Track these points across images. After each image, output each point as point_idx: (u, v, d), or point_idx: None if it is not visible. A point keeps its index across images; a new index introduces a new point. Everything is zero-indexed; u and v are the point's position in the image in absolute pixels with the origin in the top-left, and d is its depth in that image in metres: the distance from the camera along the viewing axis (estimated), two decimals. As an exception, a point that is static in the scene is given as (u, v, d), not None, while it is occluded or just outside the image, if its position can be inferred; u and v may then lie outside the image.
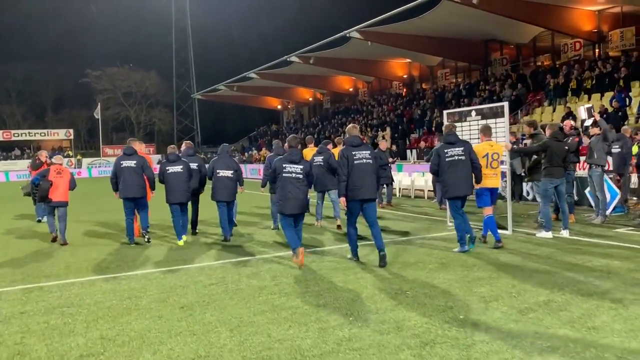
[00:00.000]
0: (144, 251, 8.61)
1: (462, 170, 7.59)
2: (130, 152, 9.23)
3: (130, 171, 8.99)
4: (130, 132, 66.52)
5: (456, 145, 7.65)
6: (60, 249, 9.12)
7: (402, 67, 36.95)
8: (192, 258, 7.90)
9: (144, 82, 62.81)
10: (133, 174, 8.99)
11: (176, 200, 9.07)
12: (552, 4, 22.71)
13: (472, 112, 9.98)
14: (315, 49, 31.52)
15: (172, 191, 9.08)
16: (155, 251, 8.61)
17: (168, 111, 65.73)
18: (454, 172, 7.58)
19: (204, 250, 8.57)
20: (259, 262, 7.48)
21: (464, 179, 7.60)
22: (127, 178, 8.98)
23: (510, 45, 29.47)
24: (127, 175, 8.99)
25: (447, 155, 7.60)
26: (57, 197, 9.53)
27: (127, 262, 7.67)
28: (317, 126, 40.52)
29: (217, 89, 47.10)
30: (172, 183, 9.08)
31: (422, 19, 25.26)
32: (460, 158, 7.58)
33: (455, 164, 7.57)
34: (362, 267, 6.91)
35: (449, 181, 7.62)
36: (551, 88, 22.98)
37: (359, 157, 7.01)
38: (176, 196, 9.08)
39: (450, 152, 7.60)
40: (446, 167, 7.60)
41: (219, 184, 9.25)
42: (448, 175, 7.62)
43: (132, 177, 8.98)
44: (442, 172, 7.67)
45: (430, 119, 27.92)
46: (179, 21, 64.79)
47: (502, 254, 7.42)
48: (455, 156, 7.59)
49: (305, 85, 43.75)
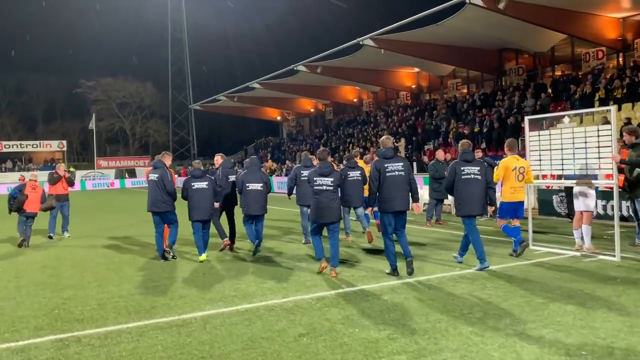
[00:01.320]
0: (185, 280, 7.35)
1: (478, 189, 7.55)
2: (160, 165, 9.03)
3: (154, 185, 8.81)
4: (124, 144, 65.06)
5: (473, 164, 7.61)
6: (82, 277, 7.81)
7: (410, 77, 35.99)
8: (251, 291, 6.63)
9: (140, 93, 61.32)
10: (157, 189, 8.80)
11: (200, 218, 8.83)
12: (577, 10, 21.90)
13: (565, 117, 8.86)
14: (324, 57, 30.46)
15: (196, 208, 8.82)
16: (197, 279, 7.38)
17: (164, 122, 64.23)
18: (469, 190, 7.53)
19: (254, 277, 7.33)
20: (337, 298, 6.19)
21: (478, 198, 7.57)
22: (152, 192, 8.84)
23: (525, 54, 28.60)
24: (152, 189, 8.84)
25: (464, 172, 7.55)
26: (31, 208, 11.32)
27: (173, 299, 6.36)
28: (322, 137, 39.34)
29: (217, 99, 45.87)
30: (197, 199, 8.82)
31: (440, 26, 24.29)
32: (476, 177, 7.54)
33: (471, 183, 7.52)
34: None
35: (464, 199, 7.56)
36: (576, 98, 22.01)
37: (392, 169, 7.06)
38: (200, 213, 8.83)
39: (467, 170, 7.55)
40: (462, 184, 7.55)
41: (249, 198, 9.06)
42: (463, 193, 7.56)
43: (157, 191, 8.79)
44: (456, 189, 7.64)
45: (446, 129, 26.85)
46: (175, 32, 63.58)
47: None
48: (471, 174, 7.54)
49: (308, 95, 42.64)
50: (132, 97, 61.40)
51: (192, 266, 8.49)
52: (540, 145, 8.85)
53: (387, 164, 7.07)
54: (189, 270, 8.19)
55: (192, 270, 8.21)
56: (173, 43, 63.49)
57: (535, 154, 8.94)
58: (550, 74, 27.48)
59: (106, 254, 10.08)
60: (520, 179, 8.11)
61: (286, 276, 7.48)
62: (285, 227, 13.39)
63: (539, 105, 23.22)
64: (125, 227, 14.86)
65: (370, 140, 31.99)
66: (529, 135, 9.20)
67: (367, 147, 31.10)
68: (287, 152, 41.16)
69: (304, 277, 7.41)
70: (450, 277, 7.03)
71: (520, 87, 26.41)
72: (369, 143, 31.77)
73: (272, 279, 7.33)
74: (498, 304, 5.69)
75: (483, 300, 5.86)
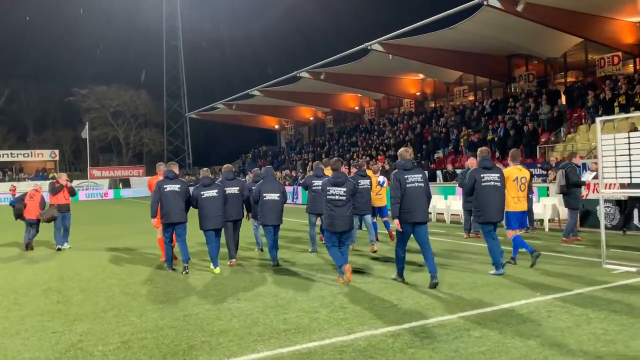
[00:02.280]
0: (217, 306, 6.28)
1: (497, 196, 7.64)
2: (173, 175, 8.93)
3: (175, 195, 8.68)
4: (117, 153, 63.70)
5: (493, 171, 7.69)
6: (95, 303, 6.73)
7: (415, 84, 35.21)
8: (304, 324, 5.50)
9: (134, 101, 59.99)
10: (178, 198, 8.70)
11: (212, 227, 8.68)
12: (593, 14, 21.23)
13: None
14: (329, 63, 29.57)
15: (207, 217, 8.67)
16: (231, 304, 6.30)
17: (158, 131, 62.82)
18: (489, 197, 7.60)
19: (298, 302, 6.28)
20: (417, 334, 5.08)
21: (498, 205, 7.65)
22: (172, 202, 8.64)
23: (535, 60, 27.89)
24: (172, 200, 8.65)
25: (484, 180, 7.62)
26: (30, 215, 12.42)
27: (213, 334, 5.26)
28: (324, 146, 38.37)
29: (215, 107, 44.82)
30: (208, 208, 8.68)
31: (453, 30, 23.49)
32: (496, 184, 7.63)
33: (491, 190, 7.60)
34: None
35: (485, 207, 7.60)
36: (592, 104, 21.22)
37: (411, 180, 7.12)
38: (212, 222, 8.68)
39: (486, 177, 7.63)
40: (481, 191, 7.61)
41: (267, 208, 9.01)
42: (483, 200, 7.62)
43: (177, 202, 8.68)
44: (477, 196, 7.67)
45: (457, 137, 25.98)
46: (170, 39, 62.51)
47: None
48: (491, 181, 7.62)
49: (308, 103, 41.71)
50: (126, 105, 60.02)
51: (211, 281, 7.78)
52: (615, 151, 7.86)
53: (407, 175, 7.13)
54: (212, 288, 7.28)
55: (216, 289, 7.30)
56: (168, 51, 62.32)
57: (610, 160, 7.96)
58: (562, 81, 26.78)
59: (115, 272, 9.05)
60: (522, 189, 8.16)
61: (335, 302, 6.44)
62: (292, 236, 12.97)
63: (557, 111, 22.45)
64: (124, 238, 14.26)
65: (376, 149, 31.06)
66: (602, 139, 8.22)
67: (373, 155, 30.19)
68: (288, 161, 40.13)
69: (355, 300, 6.40)
70: (536, 305, 5.96)
71: (533, 93, 25.65)
72: (375, 151, 30.85)
73: (321, 305, 6.28)
74: (627, 344, 4.66)
75: (600, 338, 4.80)
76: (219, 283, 7.79)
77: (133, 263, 10.09)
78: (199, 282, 7.94)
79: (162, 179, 8.96)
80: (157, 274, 8.75)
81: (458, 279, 7.48)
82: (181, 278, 8.29)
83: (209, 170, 9.54)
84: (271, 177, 9.45)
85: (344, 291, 6.97)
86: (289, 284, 7.50)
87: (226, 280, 7.98)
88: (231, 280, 7.97)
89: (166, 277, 8.50)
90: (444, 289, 6.88)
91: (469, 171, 8.16)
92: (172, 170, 8.94)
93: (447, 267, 8.35)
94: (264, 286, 7.49)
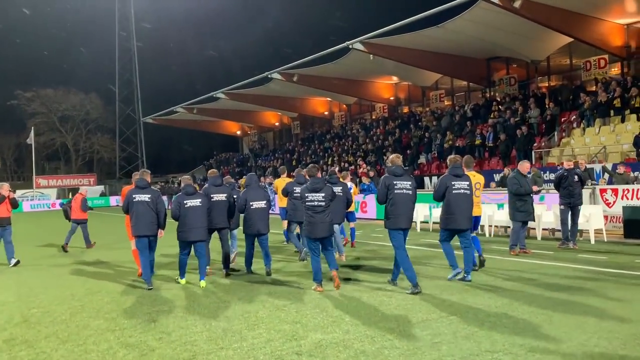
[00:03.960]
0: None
1: (467, 203, 7.64)
2: (144, 184, 8.36)
3: (145, 205, 8.19)
4: (66, 161, 59.70)
5: (462, 178, 7.68)
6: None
7: (388, 89, 34.06)
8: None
9: (84, 105, 56.18)
10: (148, 209, 8.20)
11: (194, 238, 8.20)
12: (585, 13, 20.63)
13: None
14: (304, 64, 27.96)
15: (192, 227, 8.15)
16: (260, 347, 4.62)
17: (110, 137, 59.16)
18: (459, 205, 7.57)
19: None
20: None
21: (467, 213, 7.63)
22: (141, 213, 8.17)
23: (515, 64, 27.19)
24: (141, 210, 8.17)
25: (454, 187, 7.58)
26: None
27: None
28: (294, 152, 36.58)
29: (174, 111, 42.23)
30: (191, 218, 8.16)
31: (441, 29, 22.37)
32: (465, 192, 7.62)
33: (461, 197, 7.58)
34: None
35: (454, 214, 7.58)
36: (586, 108, 20.46)
37: (400, 186, 7.21)
38: (195, 233, 8.18)
39: (457, 185, 7.60)
40: (452, 198, 7.58)
41: (254, 216, 8.75)
42: (453, 207, 7.59)
43: (147, 212, 8.20)
44: (447, 203, 7.64)
45: (441, 142, 24.79)
46: (123, 40, 59.25)
47: None
48: (461, 189, 7.60)
49: (276, 107, 39.92)
50: (76, 109, 56.10)
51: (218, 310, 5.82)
52: None
53: (396, 181, 7.21)
54: (232, 324, 5.42)
55: (232, 325, 5.46)
56: (121, 53, 59.04)
57: None
58: (545, 84, 26.14)
59: (96, 306, 7.03)
60: (477, 194, 8.34)
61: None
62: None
63: (549, 115, 21.57)
64: (81, 255, 12.62)
65: (353, 155, 29.59)
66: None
67: (350, 162, 28.71)
68: (254, 168, 38.05)
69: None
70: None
71: (519, 97, 24.81)
72: (352, 157, 29.36)
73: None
74: None
75: None
76: (228, 312, 5.98)
77: (110, 288, 8.27)
78: (215, 322, 6.04)
79: (133, 188, 8.46)
80: (147, 299, 6.80)
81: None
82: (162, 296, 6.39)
83: (190, 178, 9.06)
84: (255, 184, 9.19)
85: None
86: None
87: (244, 306, 6.17)
88: (248, 306, 6.17)
89: (161, 303, 6.75)
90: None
91: (440, 178, 7.95)
92: (144, 179, 8.41)
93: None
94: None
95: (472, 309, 6.09)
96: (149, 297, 7.47)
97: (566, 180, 10.36)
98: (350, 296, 6.98)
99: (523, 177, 9.82)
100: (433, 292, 7.04)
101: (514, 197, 9.72)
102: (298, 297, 7.05)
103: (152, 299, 7.38)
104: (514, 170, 10.27)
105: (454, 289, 7.16)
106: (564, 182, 10.38)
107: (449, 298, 6.69)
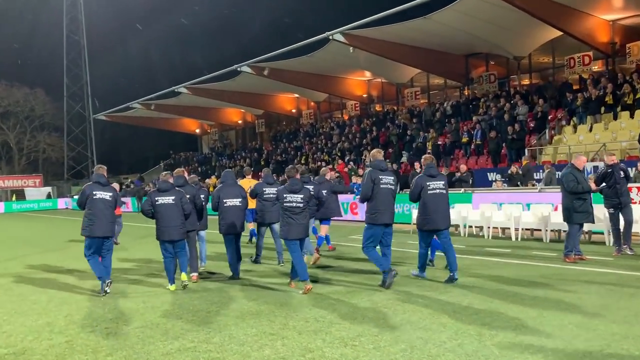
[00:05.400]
0: None
1: (443, 203, 7.59)
2: (105, 181, 7.91)
3: (106, 204, 7.70)
4: (7, 161, 55.42)
5: (437, 178, 7.62)
6: None
7: (360, 85, 32.84)
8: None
9: (29, 101, 52.18)
10: (109, 208, 7.76)
11: (170, 238, 7.79)
12: (573, 7, 19.98)
13: None
14: (278, 56, 26.35)
15: (165, 227, 7.79)
16: None
17: (58, 136, 55.31)
18: (436, 205, 7.50)
19: None
20: None
21: (444, 212, 7.58)
22: (101, 212, 7.67)
23: (493, 61, 26.49)
24: (102, 209, 7.67)
25: (430, 187, 7.51)
26: None
27: None
28: (261, 151, 34.79)
29: (130, 107, 39.61)
30: (164, 217, 7.80)
31: (427, 20, 21.25)
32: (441, 191, 7.57)
33: (437, 197, 7.51)
34: None
35: (431, 214, 7.48)
36: (578, 104, 19.77)
37: (385, 181, 7.25)
38: (170, 233, 7.78)
39: (432, 185, 7.53)
40: (428, 199, 7.50)
41: (228, 215, 8.54)
42: (430, 208, 7.50)
43: (108, 211, 7.74)
44: (423, 204, 7.54)
45: (424, 140, 23.70)
46: (71, 33, 55.63)
47: None
48: (437, 189, 7.53)
49: (239, 104, 37.86)
50: (19, 105, 51.93)
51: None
52: None
53: (381, 176, 7.22)
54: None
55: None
56: (69, 46, 55.38)
57: None
58: (527, 82, 25.51)
59: (71, 330, 5.27)
60: None
61: None
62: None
63: (540, 112, 20.78)
64: (24, 260, 11.42)
65: (329, 154, 28.15)
66: None
67: (327, 160, 27.29)
68: (218, 168, 35.98)
69: None
70: None
71: (501, 94, 24.01)
72: (327, 156, 27.92)
73: None
74: None
75: None
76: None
77: (71, 299, 6.62)
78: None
79: (91, 184, 7.82)
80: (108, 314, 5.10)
81: None
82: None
83: (169, 174, 8.42)
84: (231, 181, 8.94)
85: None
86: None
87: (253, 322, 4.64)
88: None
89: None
90: None
91: (415, 178, 7.78)
92: (103, 175, 7.94)
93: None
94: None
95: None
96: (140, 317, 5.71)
97: (611, 178, 9.04)
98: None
99: (580, 172, 8.50)
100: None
101: (572, 196, 8.35)
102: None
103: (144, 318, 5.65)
104: (567, 166, 8.83)
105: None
106: (609, 180, 9.07)
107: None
